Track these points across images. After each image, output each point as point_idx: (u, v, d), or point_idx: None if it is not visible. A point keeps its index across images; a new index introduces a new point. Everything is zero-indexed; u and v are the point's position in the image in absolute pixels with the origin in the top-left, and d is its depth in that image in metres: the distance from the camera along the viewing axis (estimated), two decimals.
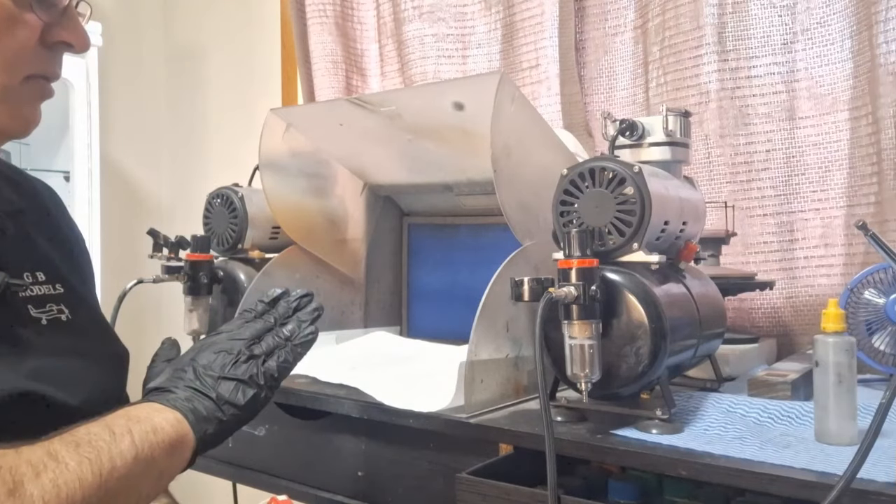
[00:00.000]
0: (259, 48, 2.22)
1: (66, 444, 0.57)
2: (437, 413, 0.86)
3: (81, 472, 0.55)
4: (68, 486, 0.54)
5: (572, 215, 0.81)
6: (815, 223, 1.28)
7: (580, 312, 0.72)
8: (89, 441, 0.58)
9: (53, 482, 0.53)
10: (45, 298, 0.73)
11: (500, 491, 0.74)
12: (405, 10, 1.76)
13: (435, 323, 1.35)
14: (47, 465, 0.54)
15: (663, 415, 0.77)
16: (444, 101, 1.02)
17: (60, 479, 0.54)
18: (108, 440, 0.59)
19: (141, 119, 2.49)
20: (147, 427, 0.63)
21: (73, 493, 0.54)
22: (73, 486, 0.54)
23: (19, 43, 0.67)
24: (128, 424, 0.62)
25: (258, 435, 1.12)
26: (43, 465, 0.53)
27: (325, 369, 1.04)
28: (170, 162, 2.52)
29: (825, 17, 1.27)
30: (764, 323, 1.30)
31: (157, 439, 0.63)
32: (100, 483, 0.56)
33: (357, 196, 1.32)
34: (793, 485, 0.63)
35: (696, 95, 1.35)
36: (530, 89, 1.59)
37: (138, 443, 0.61)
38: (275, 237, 1.34)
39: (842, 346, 0.73)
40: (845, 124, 1.25)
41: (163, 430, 0.64)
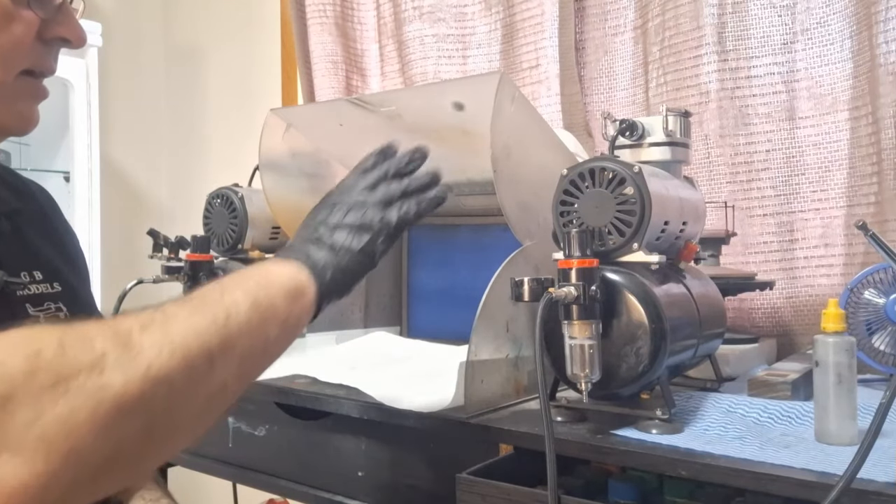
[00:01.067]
0: (259, 48, 2.22)
1: (174, 302, 0.55)
2: (437, 413, 0.86)
3: (193, 321, 0.54)
4: (181, 334, 0.52)
5: (572, 215, 0.81)
6: (815, 223, 1.28)
7: (580, 312, 0.72)
8: (200, 296, 0.57)
9: (164, 332, 0.51)
10: (42, 297, 0.73)
11: (500, 491, 0.74)
12: (405, 10, 1.76)
13: (435, 323, 1.35)
14: (154, 318, 0.52)
15: (663, 415, 0.77)
16: (444, 101, 1.02)
17: (172, 328, 0.52)
18: (218, 292, 0.58)
19: (141, 119, 2.48)
20: (261, 276, 0.62)
21: (187, 340, 0.52)
22: (186, 333, 0.53)
23: (16, 38, 0.67)
24: (238, 278, 0.61)
25: (258, 435, 1.12)
26: (150, 319, 0.52)
27: (325, 369, 1.04)
28: (170, 162, 2.52)
29: (825, 17, 1.27)
30: (764, 323, 1.30)
31: (273, 286, 0.61)
32: (216, 329, 0.55)
33: None
34: (793, 485, 0.63)
35: (696, 95, 1.35)
36: (530, 89, 1.59)
37: (253, 290, 0.59)
38: (275, 237, 1.34)
39: (842, 346, 0.73)
40: (845, 124, 1.25)
41: (279, 278, 0.63)
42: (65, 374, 0.46)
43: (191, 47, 2.47)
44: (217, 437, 1.16)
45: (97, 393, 0.46)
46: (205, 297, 0.57)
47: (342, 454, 1.01)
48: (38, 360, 0.45)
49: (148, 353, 0.49)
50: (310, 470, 1.06)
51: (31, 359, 0.45)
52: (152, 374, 0.49)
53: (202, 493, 1.93)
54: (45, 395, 0.44)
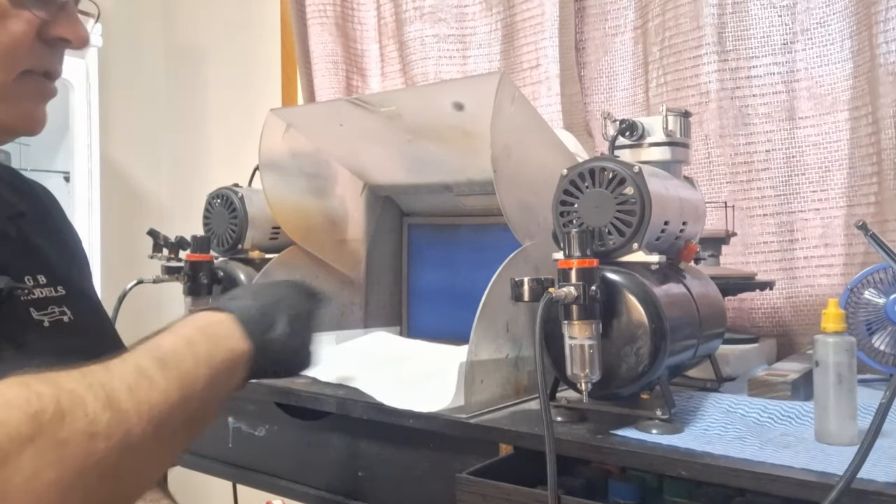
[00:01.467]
0: (259, 48, 2.22)
1: (154, 360, 0.58)
2: (437, 413, 0.86)
3: (168, 392, 0.57)
4: (158, 404, 0.56)
5: (572, 215, 0.81)
6: (815, 223, 1.28)
7: (580, 312, 0.72)
8: (176, 363, 0.60)
9: (146, 398, 0.55)
10: (46, 301, 0.73)
11: (500, 491, 0.74)
12: (406, 10, 1.76)
13: (435, 323, 1.35)
14: (139, 382, 0.55)
15: (663, 415, 0.77)
16: (444, 102, 1.02)
17: (152, 396, 0.55)
18: (192, 364, 0.61)
19: (141, 119, 2.48)
20: (223, 353, 0.65)
21: (162, 410, 0.56)
22: (162, 404, 0.56)
23: (14, 38, 0.67)
24: (209, 348, 0.64)
25: (258, 435, 1.12)
26: (135, 381, 0.55)
27: (325, 369, 1.04)
28: (170, 162, 2.52)
29: (825, 17, 1.27)
30: (764, 323, 1.30)
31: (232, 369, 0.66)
32: (184, 404, 0.58)
33: (357, 196, 1.32)
34: (793, 485, 0.63)
35: (696, 95, 1.35)
36: (530, 89, 1.59)
37: (216, 373, 0.63)
38: (275, 237, 1.34)
39: (842, 346, 0.73)
40: (845, 124, 1.25)
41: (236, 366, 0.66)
42: (61, 439, 0.49)
43: (191, 47, 2.47)
44: (217, 437, 1.16)
45: (86, 459, 0.50)
46: (181, 366, 0.60)
47: (342, 454, 1.01)
48: (38, 423, 0.48)
49: (130, 420, 0.53)
50: (310, 470, 1.06)
51: (33, 421, 0.48)
52: (131, 441, 0.53)
53: (202, 493, 1.93)
54: (43, 458, 0.47)
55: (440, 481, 0.88)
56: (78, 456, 0.49)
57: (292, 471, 1.08)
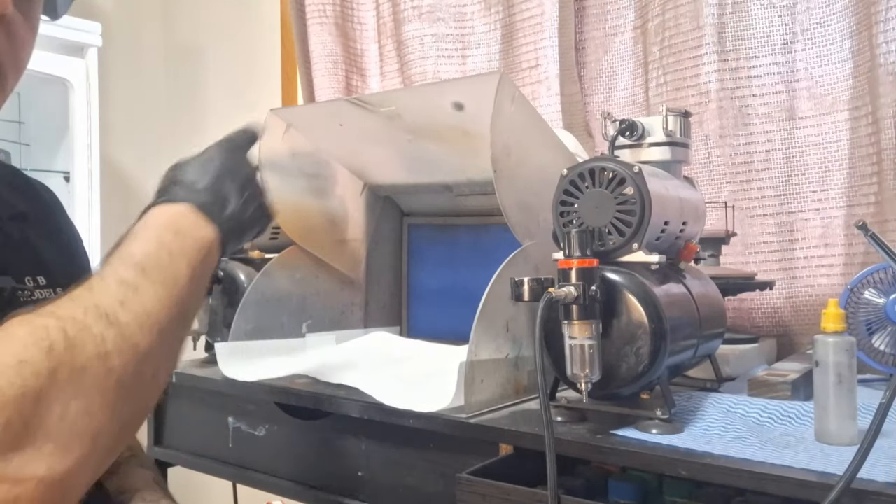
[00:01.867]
0: (259, 48, 2.22)
1: (132, 269, 0.59)
2: (437, 413, 0.86)
3: (157, 296, 0.58)
4: (154, 310, 0.57)
5: (572, 215, 0.81)
6: (815, 223, 1.28)
7: (580, 312, 0.72)
8: (154, 265, 0.60)
9: (140, 307, 0.56)
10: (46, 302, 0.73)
11: (500, 491, 0.74)
12: (405, 10, 1.76)
13: (435, 323, 1.34)
14: (127, 294, 0.56)
15: (663, 415, 0.77)
16: (443, 101, 1.02)
17: (145, 304, 0.57)
18: (168, 261, 0.62)
19: (141, 119, 2.48)
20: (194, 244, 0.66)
21: (158, 314, 0.57)
22: (156, 308, 0.57)
23: None
24: (180, 242, 0.65)
25: (258, 435, 1.12)
26: (123, 294, 0.56)
27: (325, 369, 1.04)
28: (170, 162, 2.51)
29: (825, 17, 1.27)
30: (764, 323, 1.30)
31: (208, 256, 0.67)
32: (174, 302, 0.60)
33: (357, 196, 1.32)
34: (793, 485, 0.63)
35: (696, 95, 1.35)
36: (530, 89, 1.59)
37: (194, 264, 0.65)
38: (275, 237, 1.34)
39: (842, 346, 0.73)
40: (845, 124, 1.25)
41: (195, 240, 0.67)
42: (78, 366, 0.50)
43: (191, 47, 2.47)
44: (217, 437, 1.16)
45: (105, 380, 0.51)
46: (158, 265, 0.61)
47: (342, 454, 1.01)
48: (54, 355, 0.49)
49: (134, 332, 0.54)
50: (310, 470, 1.06)
51: (50, 355, 0.49)
52: (141, 352, 0.54)
53: (202, 493, 1.93)
54: (68, 388, 0.49)
55: (440, 481, 0.88)
56: (98, 378, 0.51)
57: (292, 471, 1.08)
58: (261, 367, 1.07)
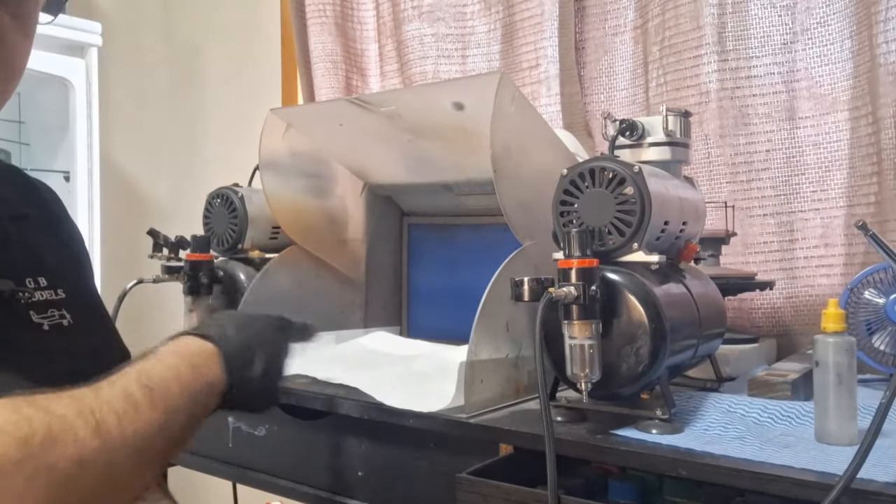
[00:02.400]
0: (259, 48, 2.22)
1: (142, 388, 0.60)
2: (437, 413, 0.86)
3: (153, 422, 0.59)
4: (143, 432, 0.58)
5: (572, 215, 0.81)
6: (815, 223, 1.28)
7: (580, 312, 0.72)
8: (163, 392, 0.62)
9: (132, 427, 0.57)
10: (46, 304, 0.73)
11: (500, 491, 0.74)
12: (404, 9, 1.76)
13: (435, 323, 1.35)
14: (126, 409, 0.57)
15: (663, 415, 0.77)
16: (443, 101, 1.02)
17: (138, 424, 0.58)
18: (176, 393, 0.63)
19: (141, 119, 2.48)
20: (204, 385, 0.68)
21: (145, 437, 0.58)
22: (146, 431, 0.58)
23: None
24: (193, 379, 0.66)
25: (258, 435, 1.12)
26: (122, 408, 0.57)
27: (325, 369, 1.04)
28: (170, 162, 2.52)
29: (825, 17, 1.27)
30: (764, 323, 1.30)
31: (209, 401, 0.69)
32: (166, 433, 0.61)
33: (357, 196, 1.32)
34: (793, 485, 0.63)
35: (696, 95, 1.35)
36: (530, 89, 1.59)
37: (196, 403, 0.66)
38: (275, 237, 1.34)
39: (842, 346, 0.73)
40: (845, 124, 1.25)
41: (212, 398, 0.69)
42: (50, 463, 0.50)
43: (191, 47, 2.47)
44: (217, 437, 1.16)
45: (72, 484, 0.51)
46: (167, 393, 0.63)
47: (342, 454, 1.01)
48: (28, 447, 0.49)
49: (117, 450, 0.55)
50: (310, 470, 1.06)
51: (23, 446, 0.49)
52: (114, 470, 0.55)
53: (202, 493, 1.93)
54: (31, 481, 0.49)
55: (440, 481, 0.88)
56: (65, 480, 0.51)
57: (292, 471, 1.08)
58: None
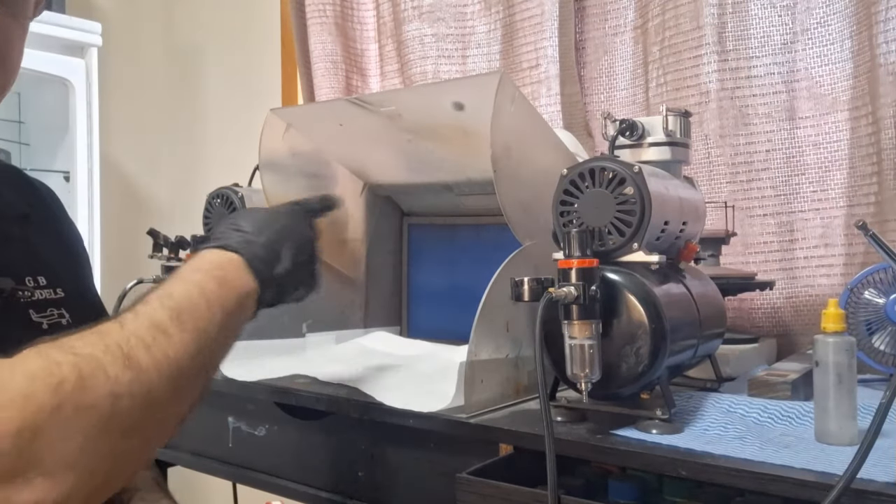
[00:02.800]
0: (259, 48, 2.22)
1: (168, 312, 0.59)
2: (437, 413, 0.86)
3: (185, 343, 0.59)
4: (177, 358, 0.57)
5: (572, 215, 0.81)
6: (815, 223, 1.28)
7: (580, 312, 0.72)
8: (190, 312, 0.61)
9: (164, 353, 0.56)
10: (45, 303, 0.73)
11: (500, 491, 0.74)
12: (404, 9, 1.76)
13: (435, 323, 1.34)
14: (156, 337, 0.57)
15: (663, 415, 0.77)
16: (444, 101, 1.02)
17: (169, 350, 0.57)
18: (204, 310, 0.62)
19: (141, 119, 2.48)
20: (234, 295, 0.67)
21: (180, 363, 0.57)
22: (180, 357, 0.58)
23: None
24: (220, 292, 0.65)
25: (258, 435, 1.12)
26: (151, 337, 0.57)
27: (325, 369, 1.04)
28: (170, 162, 2.52)
29: (825, 17, 1.27)
30: (764, 323, 1.30)
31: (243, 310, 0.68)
32: (200, 352, 0.60)
33: (357, 196, 1.32)
34: (793, 485, 0.63)
35: (696, 95, 1.35)
36: (530, 89, 1.59)
37: (229, 315, 0.65)
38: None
39: (842, 346, 0.73)
40: (845, 124, 1.25)
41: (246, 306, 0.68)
42: (86, 403, 0.50)
43: (191, 47, 2.47)
44: (217, 437, 1.16)
45: (110, 420, 0.52)
46: (195, 314, 0.61)
47: (342, 454, 1.01)
48: (61, 392, 0.49)
49: (151, 378, 0.55)
50: (310, 470, 1.06)
51: (56, 391, 0.49)
52: (154, 398, 0.55)
53: (202, 493, 1.93)
54: (69, 425, 0.49)
55: (440, 481, 0.88)
56: (103, 419, 0.51)
57: (292, 471, 1.08)
58: (261, 367, 1.07)
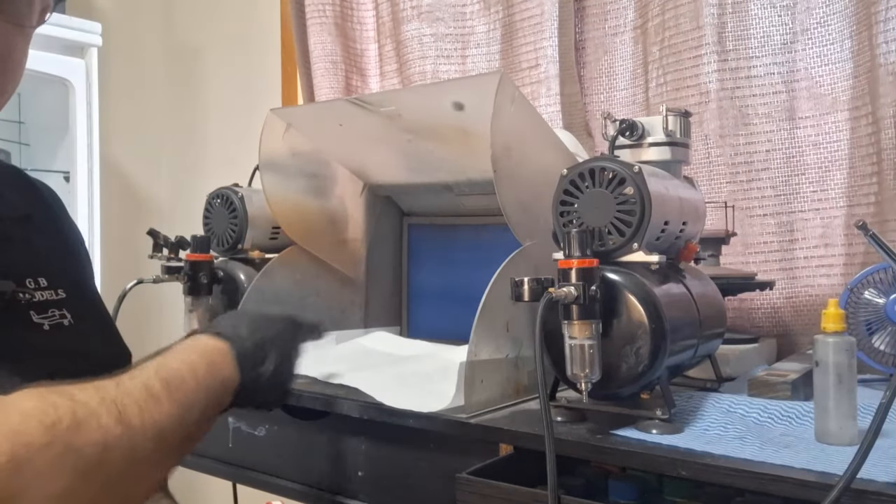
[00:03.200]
0: (259, 48, 2.22)
1: (160, 381, 0.62)
2: (437, 413, 0.86)
3: (171, 414, 0.62)
4: (163, 423, 0.60)
5: (572, 215, 0.81)
6: (815, 223, 1.28)
7: (580, 312, 0.72)
8: (180, 386, 0.64)
9: (152, 417, 0.59)
10: (46, 304, 0.73)
11: (500, 491, 0.74)
12: (404, 9, 1.76)
13: (435, 323, 1.34)
14: (147, 401, 0.60)
15: (663, 415, 0.77)
16: (444, 101, 1.02)
17: (157, 416, 0.60)
18: (192, 388, 0.66)
19: (141, 119, 2.48)
20: (218, 383, 0.70)
21: (165, 429, 0.60)
22: (165, 423, 0.61)
23: None
24: (208, 375, 0.69)
25: (258, 435, 1.12)
26: (143, 400, 0.59)
27: (325, 369, 1.04)
28: (170, 162, 2.52)
29: (825, 17, 1.27)
30: (764, 323, 1.30)
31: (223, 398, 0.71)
32: (182, 426, 0.63)
33: (357, 196, 1.32)
34: (793, 485, 0.63)
35: (696, 95, 1.35)
36: (530, 89, 1.59)
37: (211, 399, 0.69)
38: (275, 237, 1.34)
39: (842, 346, 0.73)
40: (845, 124, 1.25)
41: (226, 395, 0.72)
42: (76, 446, 0.52)
43: (191, 47, 2.47)
44: (217, 437, 1.16)
45: (96, 469, 0.53)
46: (184, 388, 0.65)
47: (342, 454, 1.01)
48: (54, 431, 0.51)
49: (138, 438, 0.57)
50: (310, 470, 1.06)
51: (49, 431, 0.51)
52: (136, 457, 0.57)
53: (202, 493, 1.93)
54: (58, 463, 0.51)
55: (440, 481, 0.88)
56: (90, 465, 0.53)
57: (292, 471, 1.08)
58: None
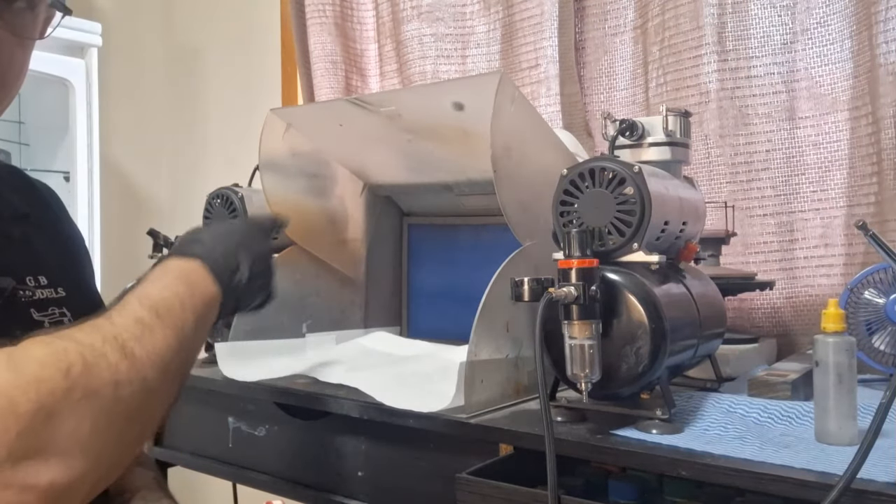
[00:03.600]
0: (259, 48, 2.22)
1: (148, 310, 0.63)
2: (437, 413, 0.86)
3: (167, 339, 0.63)
4: (162, 350, 0.61)
5: (572, 215, 0.81)
6: (815, 223, 1.28)
7: (580, 312, 0.72)
8: (167, 312, 0.65)
9: (152, 345, 0.61)
10: (47, 302, 0.73)
11: (500, 491, 0.74)
12: (404, 9, 1.76)
13: (435, 323, 1.34)
14: (143, 332, 0.61)
15: (663, 415, 0.77)
16: (444, 101, 1.02)
17: (156, 344, 0.61)
18: (179, 311, 0.66)
19: (141, 119, 2.48)
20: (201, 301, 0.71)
21: (165, 355, 0.61)
22: (165, 350, 0.62)
23: None
24: (190, 296, 0.69)
25: (258, 435, 1.12)
26: (139, 332, 0.61)
27: (325, 369, 1.04)
28: (170, 162, 2.52)
29: (825, 17, 1.27)
30: (764, 323, 1.30)
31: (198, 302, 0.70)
32: (180, 350, 0.64)
33: (357, 196, 1.32)
34: (793, 485, 0.63)
35: (696, 95, 1.35)
36: (530, 89, 1.59)
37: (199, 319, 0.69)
38: (274, 237, 1.34)
39: (842, 346, 0.73)
40: (845, 124, 1.25)
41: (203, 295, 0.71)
42: (92, 388, 0.54)
43: (191, 47, 2.47)
44: (217, 437, 1.16)
45: (114, 405, 0.55)
46: (173, 313, 0.66)
47: (342, 454, 1.01)
48: (71, 376, 0.52)
49: (145, 367, 0.59)
50: (310, 470, 1.06)
51: (67, 375, 0.52)
52: (148, 386, 0.58)
53: (202, 493, 1.93)
54: (80, 408, 0.52)
55: (440, 481, 0.88)
56: (107, 403, 0.54)
57: (292, 471, 1.08)
58: (261, 368, 1.07)
